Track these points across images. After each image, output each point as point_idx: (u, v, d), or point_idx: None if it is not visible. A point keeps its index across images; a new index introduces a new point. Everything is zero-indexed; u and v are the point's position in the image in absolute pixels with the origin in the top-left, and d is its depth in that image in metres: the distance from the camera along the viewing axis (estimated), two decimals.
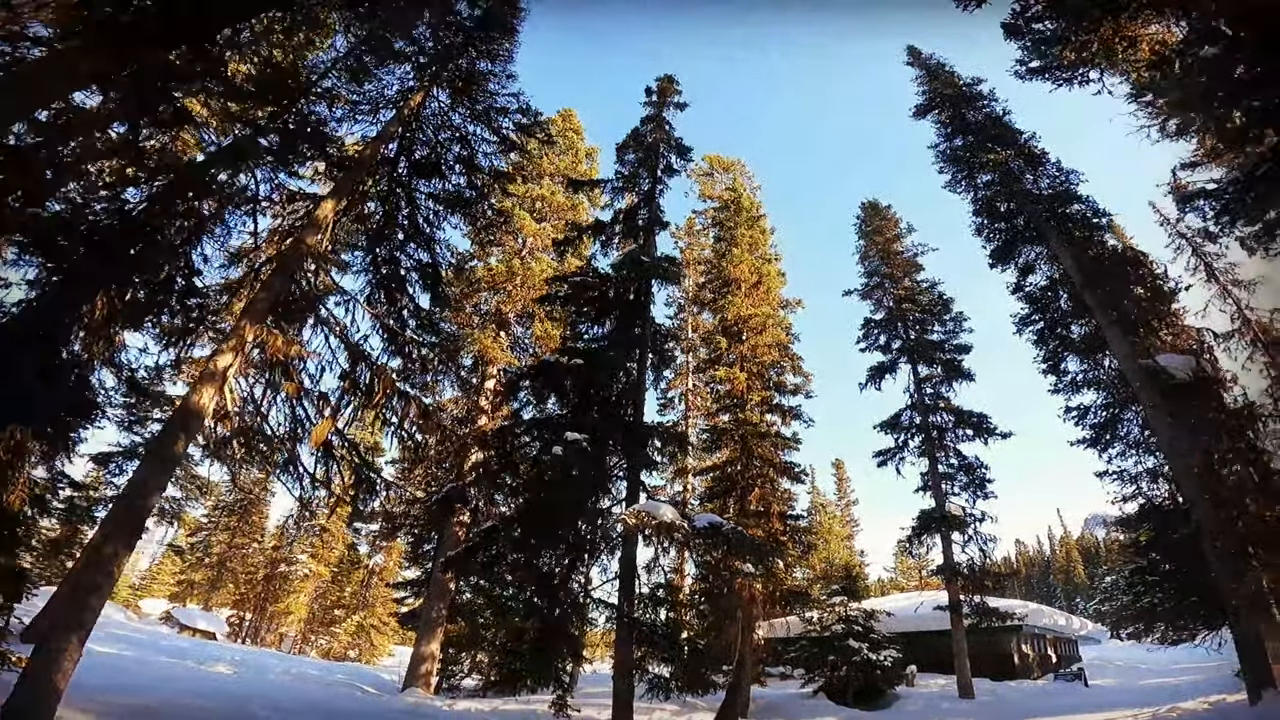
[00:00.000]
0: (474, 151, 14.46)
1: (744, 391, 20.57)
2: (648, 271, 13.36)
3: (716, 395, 23.27)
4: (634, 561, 10.04)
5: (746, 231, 24.31)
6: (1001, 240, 15.57)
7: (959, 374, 22.39)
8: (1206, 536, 9.54)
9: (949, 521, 19.90)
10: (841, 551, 40.16)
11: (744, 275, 22.94)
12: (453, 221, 14.35)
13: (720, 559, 16.37)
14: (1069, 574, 76.86)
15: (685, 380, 31.00)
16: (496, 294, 23.88)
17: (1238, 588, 9.07)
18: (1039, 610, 24.92)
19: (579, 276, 14.37)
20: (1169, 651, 37.19)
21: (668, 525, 8.58)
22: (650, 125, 16.60)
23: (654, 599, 9.86)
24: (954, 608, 18.38)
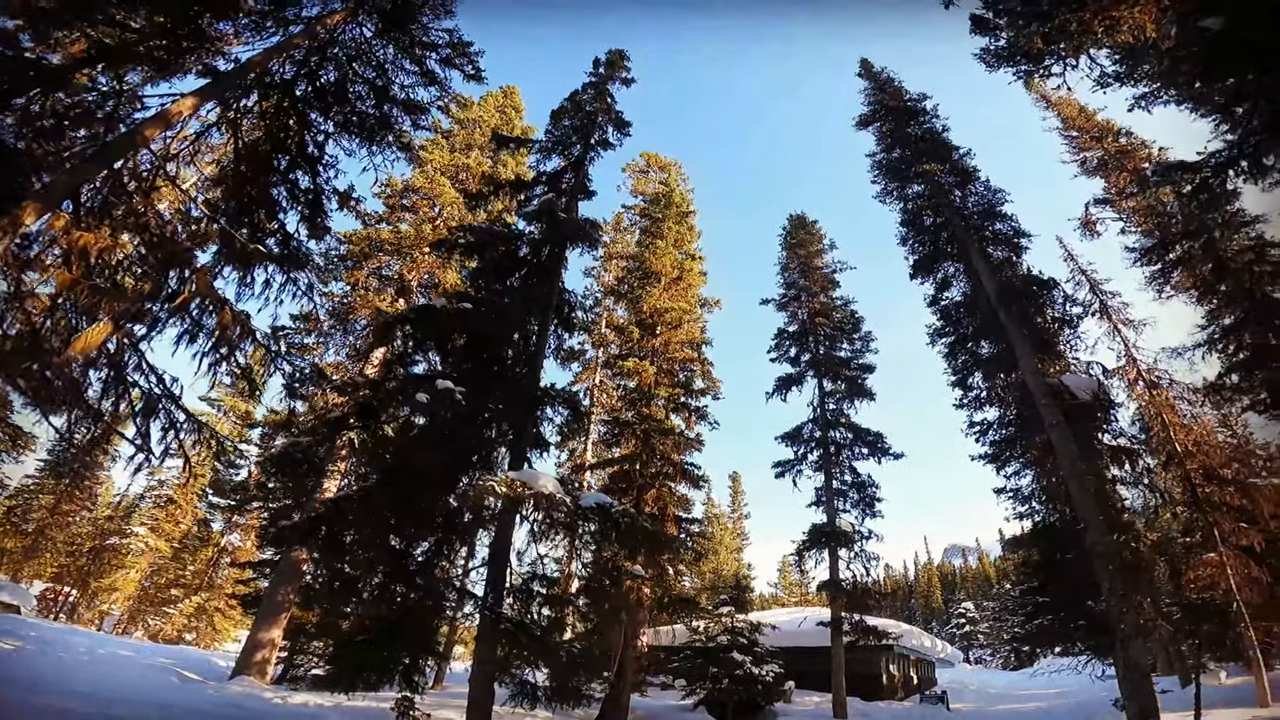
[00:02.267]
0: (389, 82, 12.75)
1: (651, 385, 19.77)
2: (563, 230, 12.12)
3: (623, 391, 22.52)
4: (508, 546, 8.66)
5: (674, 226, 23.78)
6: (925, 252, 15.63)
7: (861, 392, 22.66)
8: (1099, 560, 9.53)
9: (838, 537, 19.91)
10: (731, 563, 40.23)
11: (666, 269, 22.32)
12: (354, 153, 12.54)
13: (610, 558, 15.34)
14: (928, 598, 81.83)
15: (594, 375, 29.84)
16: (402, 259, 22.01)
17: (1127, 613, 9.03)
18: (910, 631, 25.59)
19: (487, 226, 12.93)
20: (1010, 676, 40.01)
21: (547, 498, 7.29)
22: (592, 93, 15.60)
23: (526, 592, 8.50)
24: (835, 624, 18.27)
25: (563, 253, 13.02)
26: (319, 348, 22.00)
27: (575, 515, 7.81)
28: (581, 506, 7.78)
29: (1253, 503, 15.71)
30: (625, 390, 22.41)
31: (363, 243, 21.61)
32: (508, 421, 9.54)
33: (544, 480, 7.35)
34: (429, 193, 23.17)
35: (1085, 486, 10.12)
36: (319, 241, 12.45)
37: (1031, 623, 12.27)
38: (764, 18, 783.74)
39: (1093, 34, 7.46)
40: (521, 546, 9.25)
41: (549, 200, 12.90)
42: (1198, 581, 15.89)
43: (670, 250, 22.93)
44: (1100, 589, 9.53)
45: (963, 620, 61.47)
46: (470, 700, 8.08)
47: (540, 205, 13.03)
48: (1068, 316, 13.16)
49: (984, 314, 13.58)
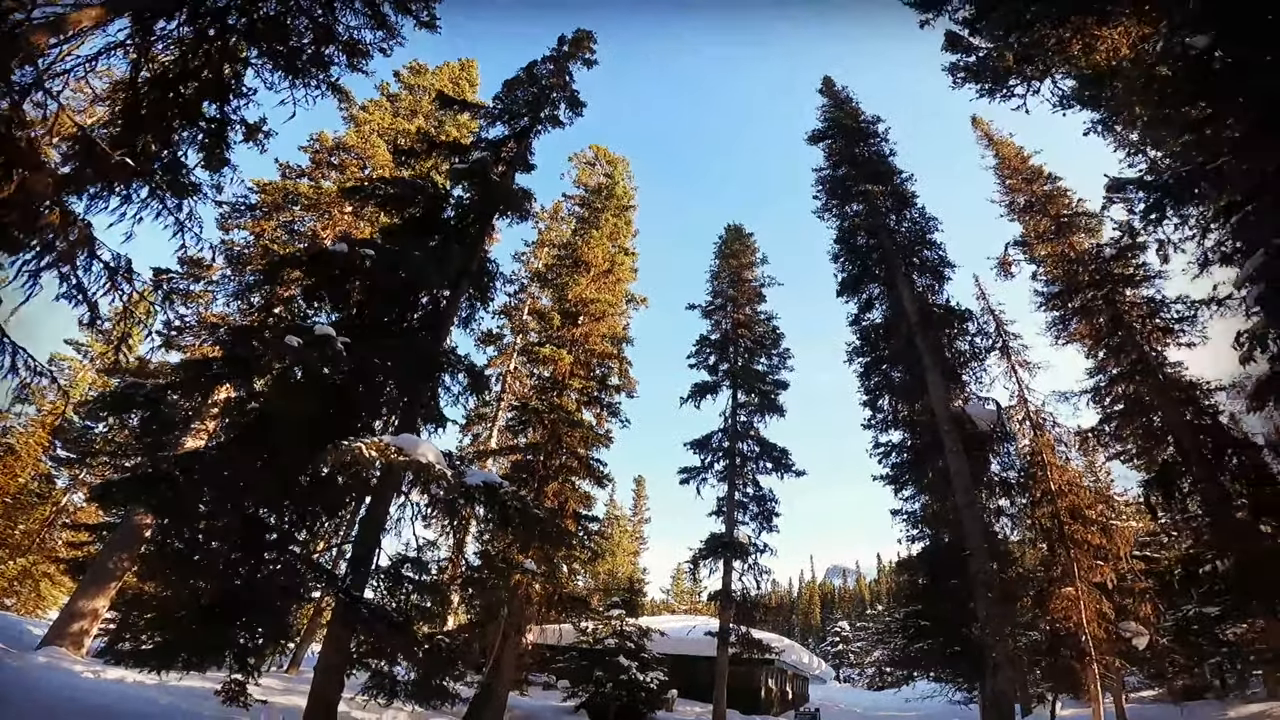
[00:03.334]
0: (335, 20, 11.49)
1: (566, 376, 19.14)
2: (493, 193, 11.28)
3: (537, 379, 21.80)
4: (380, 523, 7.68)
5: (612, 218, 23.46)
6: (854, 271, 15.86)
7: (773, 408, 22.84)
8: (980, 588, 9.73)
9: (734, 548, 19.89)
10: (626, 566, 39.89)
11: (597, 259, 21.85)
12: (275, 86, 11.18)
13: (502, 550, 14.48)
14: (808, 616, 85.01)
15: (509, 361, 28.74)
16: (319, 217, 20.40)
17: (999, 641, 9.21)
18: (792, 646, 26.05)
19: (411, 179, 11.86)
20: (875, 695, 41.93)
21: (424, 468, 6.42)
22: (550, 67, 14.96)
23: (396, 576, 7.56)
24: (722, 635, 18.16)
25: (490, 219, 12.21)
26: (206, 296, 20.02)
27: (457, 492, 6.95)
28: (467, 484, 6.93)
29: (1110, 542, 16.94)
30: (539, 379, 21.71)
31: (277, 194, 20.04)
32: (400, 385, 8.55)
33: (424, 448, 6.48)
34: (361, 152, 21.67)
35: (975, 515, 10.37)
36: (215, 174, 10.98)
37: (913, 645, 12.51)
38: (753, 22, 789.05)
39: (1067, 53, 7.59)
40: (403, 527, 8.33)
41: (483, 159, 12.02)
42: (1054, 613, 16.92)
43: (605, 241, 22.52)
44: (977, 616, 9.74)
45: (837, 639, 64.05)
46: (313, 688, 7.07)
47: (473, 163, 12.12)
48: (976, 350, 13.67)
49: (901, 338, 13.88)
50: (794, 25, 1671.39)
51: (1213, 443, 14.73)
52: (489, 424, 28.98)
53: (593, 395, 20.44)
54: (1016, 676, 9.54)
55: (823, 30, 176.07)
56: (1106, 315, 15.82)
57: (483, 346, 27.06)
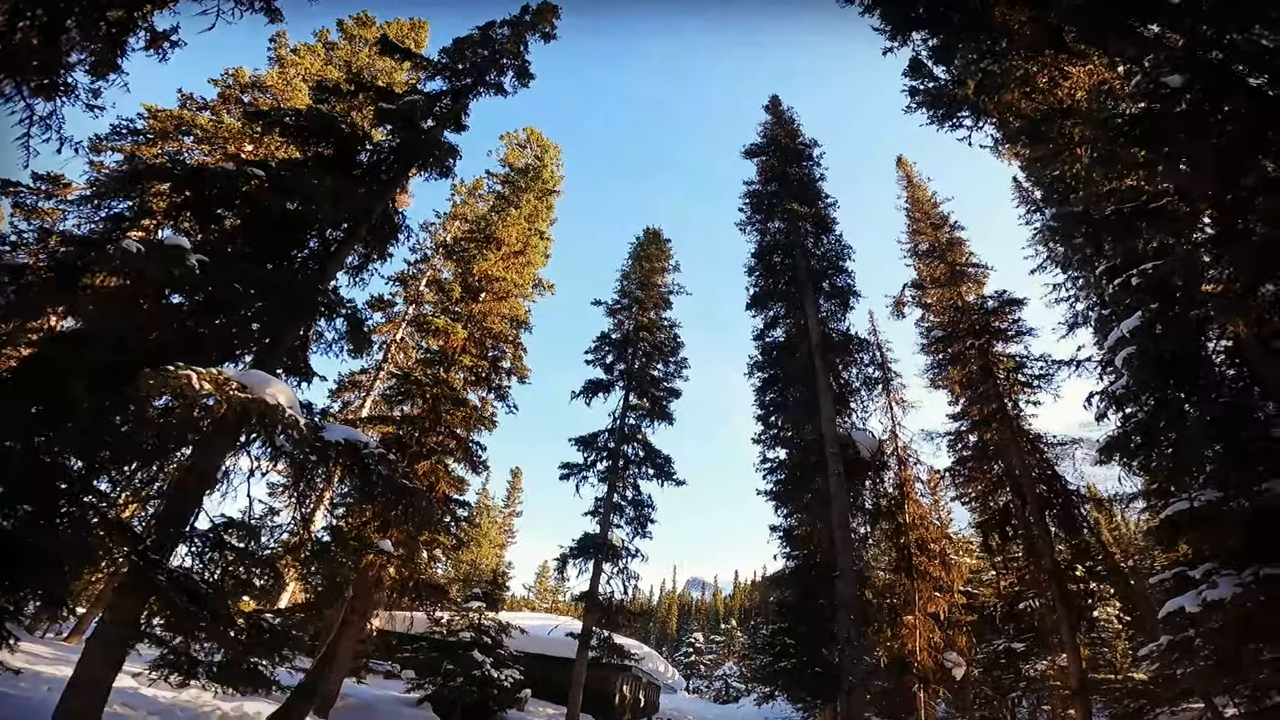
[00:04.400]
0: None
1: (457, 351, 18.12)
2: (416, 142, 10.31)
3: (425, 352, 20.56)
4: (206, 477, 6.43)
5: (534, 200, 22.88)
6: (765, 287, 16.14)
7: (663, 414, 22.82)
8: (843, 610, 9.97)
9: (607, 550, 19.58)
10: (492, 558, 38.48)
11: (511, 239, 21.15)
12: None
13: (358, 527, 13.22)
14: (665, 625, 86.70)
15: (396, 330, 26.87)
16: (214, 151, 18.42)
17: (856, 664, 9.44)
18: (650, 654, 26.08)
19: (323, 112, 10.56)
20: (721, 708, 43.12)
21: (272, 411, 5.36)
22: (506, 31, 14.03)
23: (216, 542, 6.34)
24: (584, 637, 17.76)
25: (408, 170, 11.25)
26: (57, 214, 17.68)
27: (310, 448, 5.96)
28: (324, 439, 5.97)
29: (948, 576, 18.32)
30: (427, 352, 20.45)
31: (169, 121, 18.04)
32: (264, 323, 7.33)
33: (275, 388, 5.39)
34: (279, 94, 19.65)
35: (848, 538, 10.67)
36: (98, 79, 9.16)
37: (778, 663, 12.68)
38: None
39: (1031, 87, 7.90)
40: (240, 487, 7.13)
41: (414, 103, 10.94)
42: (894, 640, 17.95)
43: (521, 222, 21.82)
44: (839, 638, 10.00)
45: (690, 650, 65.56)
46: (81, 661, 5.80)
47: (402, 105, 11.02)
48: (867, 380, 14.31)
49: (801, 358, 14.23)
50: (753, 48, 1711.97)
51: (1046, 491, 16.38)
52: (363, 392, 26.96)
53: (482, 375, 19.60)
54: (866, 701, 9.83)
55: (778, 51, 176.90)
56: (978, 364, 17.15)
57: (370, 312, 25.10)
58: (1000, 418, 16.56)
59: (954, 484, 18.35)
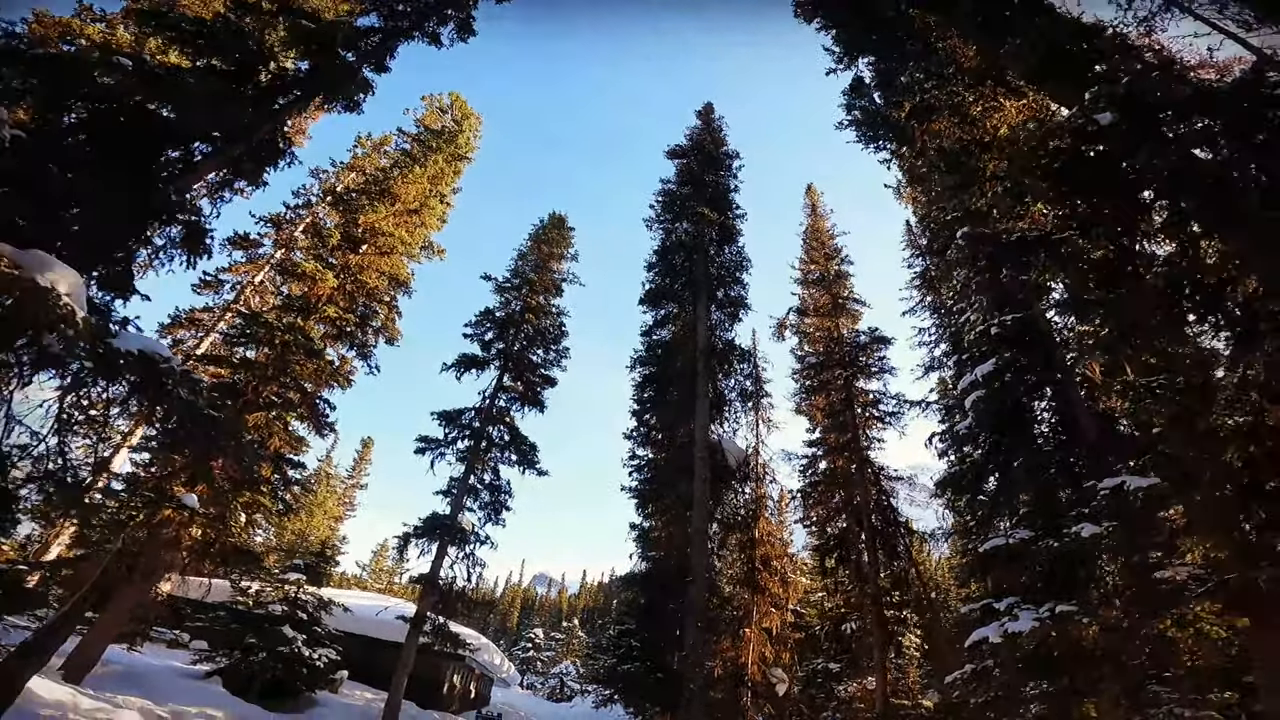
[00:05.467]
0: None
1: (322, 300, 16.52)
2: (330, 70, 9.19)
3: (285, 298, 18.63)
4: None
5: (442, 163, 21.73)
6: (661, 285, 16.16)
7: (536, 401, 22.22)
8: (692, 615, 9.96)
9: (455, 532, 18.64)
10: (324, 529, 35.63)
11: (408, 195, 20.14)
12: None
13: (159, 477, 11.53)
14: (506, 617, 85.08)
15: (257, 272, 24.09)
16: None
17: (699, 673, 9.43)
18: (487, 645, 25.20)
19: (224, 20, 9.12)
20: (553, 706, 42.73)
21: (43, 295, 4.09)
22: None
23: None
24: (418, 621, 16.72)
25: (312, 99, 10.16)
26: None
27: (92, 356, 4.72)
28: (112, 347, 4.76)
29: (785, 593, 19.19)
30: (288, 298, 18.50)
31: (55, 28, 16.50)
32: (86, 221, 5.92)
33: (56, 273, 3.99)
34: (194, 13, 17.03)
35: (704, 543, 10.74)
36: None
37: (622, 665, 12.43)
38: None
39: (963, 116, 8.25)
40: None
41: (337, 26, 9.75)
42: (732, 651, 18.43)
43: (423, 181, 20.72)
44: (684, 645, 9.99)
45: (529, 645, 64.69)
46: None
47: (324, 27, 9.85)
48: (743, 392, 14.65)
49: (685, 360, 14.31)
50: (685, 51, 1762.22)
51: (881, 521, 17.69)
52: (202, 331, 23.95)
53: (346, 330, 18.16)
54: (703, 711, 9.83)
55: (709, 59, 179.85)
56: (842, 395, 18.20)
57: (231, 249, 22.17)
58: (853, 447, 17.65)
59: (802, 506, 19.31)
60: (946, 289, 15.69)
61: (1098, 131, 5.20)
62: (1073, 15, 6.73)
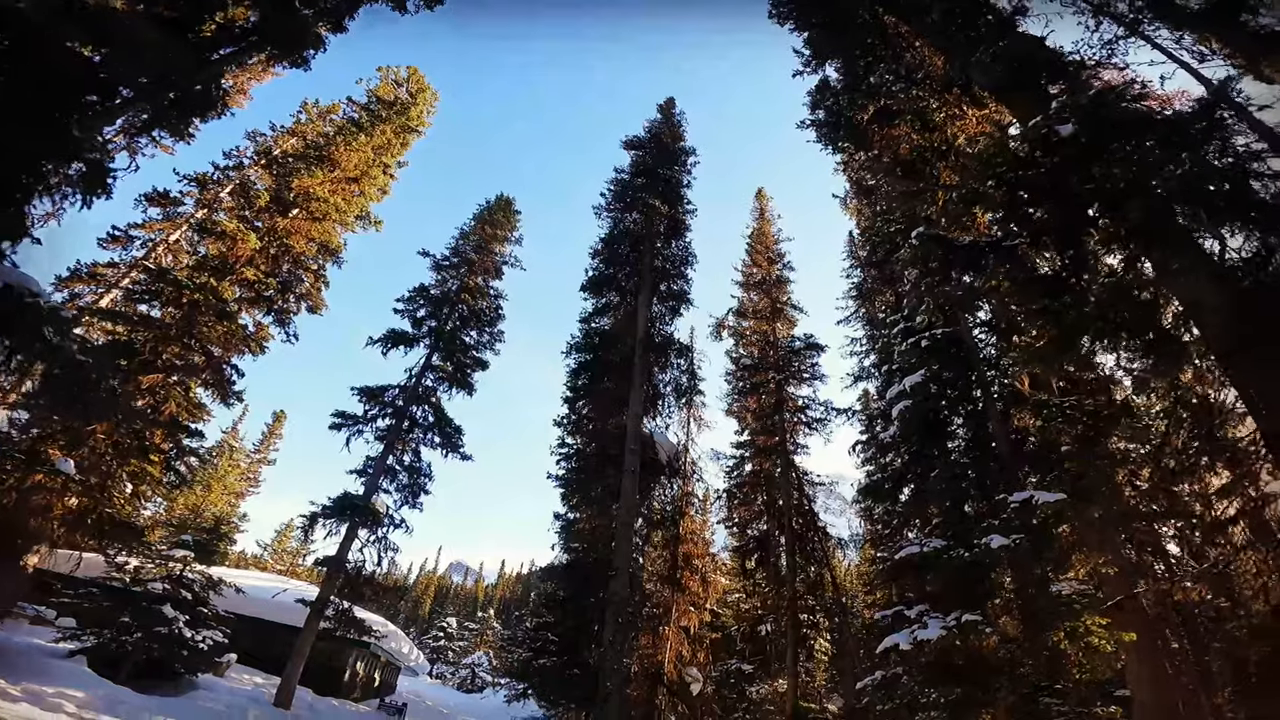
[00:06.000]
0: None
1: (242, 262, 15.49)
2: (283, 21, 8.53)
3: (200, 258, 17.36)
4: None
5: (391, 134, 20.95)
6: (604, 273, 16.00)
7: (465, 383, 21.61)
8: (612, 609, 9.76)
9: (367, 514, 17.81)
10: (222, 505, 33.37)
11: (349, 163, 19.40)
12: None
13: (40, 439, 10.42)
14: (418, 605, 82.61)
15: (174, 230, 22.18)
16: None
17: (617, 670, 9.25)
18: (395, 633, 24.29)
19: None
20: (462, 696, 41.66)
21: None
22: None
23: None
24: (320, 606, 15.87)
25: (259, 51, 9.68)
26: None
27: None
28: None
29: (705, 592, 19.33)
30: (204, 258, 17.21)
31: None
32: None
33: None
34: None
35: (630, 537, 10.59)
36: None
37: (538, 660, 12.04)
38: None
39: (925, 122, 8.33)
40: None
41: None
42: (651, 649, 18.32)
43: (367, 149, 19.97)
44: (603, 640, 9.78)
45: (441, 634, 63.08)
46: None
47: None
48: (679, 387, 14.63)
49: (623, 350, 14.14)
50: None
51: (802, 525, 18.10)
52: (102, 287, 21.92)
53: (265, 295, 17.08)
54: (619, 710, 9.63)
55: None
56: (774, 398, 18.52)
57: (147, 205, 20.22)
58: (780, 451, 17.99)
59: (727, 506, 19.53)
60: (880, 301, 16.19)
61: (1059, 142, 5.36)
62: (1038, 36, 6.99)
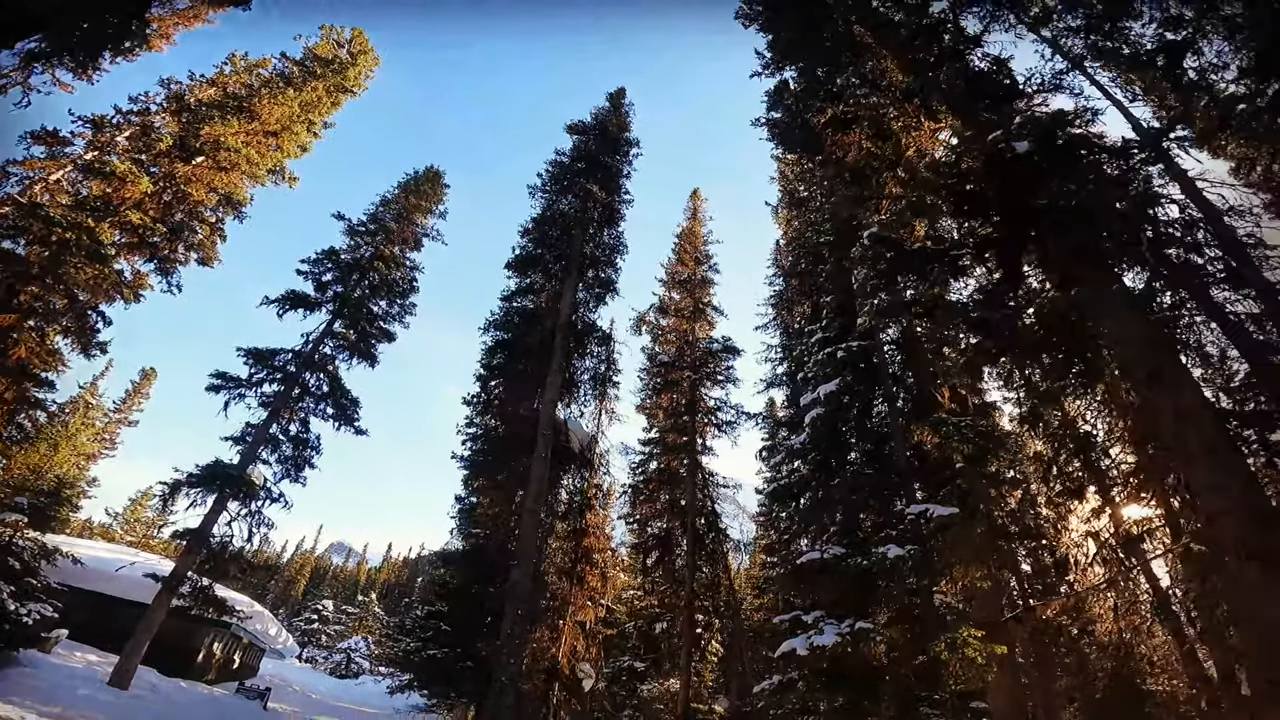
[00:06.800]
0: None
1: (127, 204, 14.69)
2: None
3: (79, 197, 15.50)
4: None
5: (322, 91, 19.92)
6: (532, 253, 15.64)
7: (367, 354, 20.44)
8: (512, 601, 9.36)
9: (240, 484, 16.45)
10: (70, 466, 29.77)
11: (271, 117, 18.26)
12: None
13: None
14: (291, 586, 77.65)
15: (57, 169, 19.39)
16: None
17: (513, 664, 8.89)
18: (262, 614, 22.64)
19: None
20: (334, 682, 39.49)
21: None
22: None
23: None
24: (174, 581, 14.49)
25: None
26: None
27: None
28: None
29: (603, 588, 19.19)
30: (84, 198, 15.31)
31: None
32: None
33: None
34: None
35: (536, 525, 10.24)
36: None
37: (428, 649, 11.29)
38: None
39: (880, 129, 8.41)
40: None
41: None
42: (549, 643, 17.87)
43: (293, 104, 18.82)
44: (501, 632, 9.36)
45: (314, 617, 59.63)
46: None
47: None
48: (594, 376, 14.46)
49: (543, 333, 13.82)
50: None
51: (705, 526, 18.28)
52: None
53: (150, 242, 15.65)
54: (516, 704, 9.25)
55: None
56: (686, 397, 18.63)
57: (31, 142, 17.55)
58: (689, 450, 18.15)
59: (631, 502, 19.44)
60: (798, 311, 16.67)
61: (1013, 158, 5.58)
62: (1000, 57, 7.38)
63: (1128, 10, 6.61)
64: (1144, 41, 6.75)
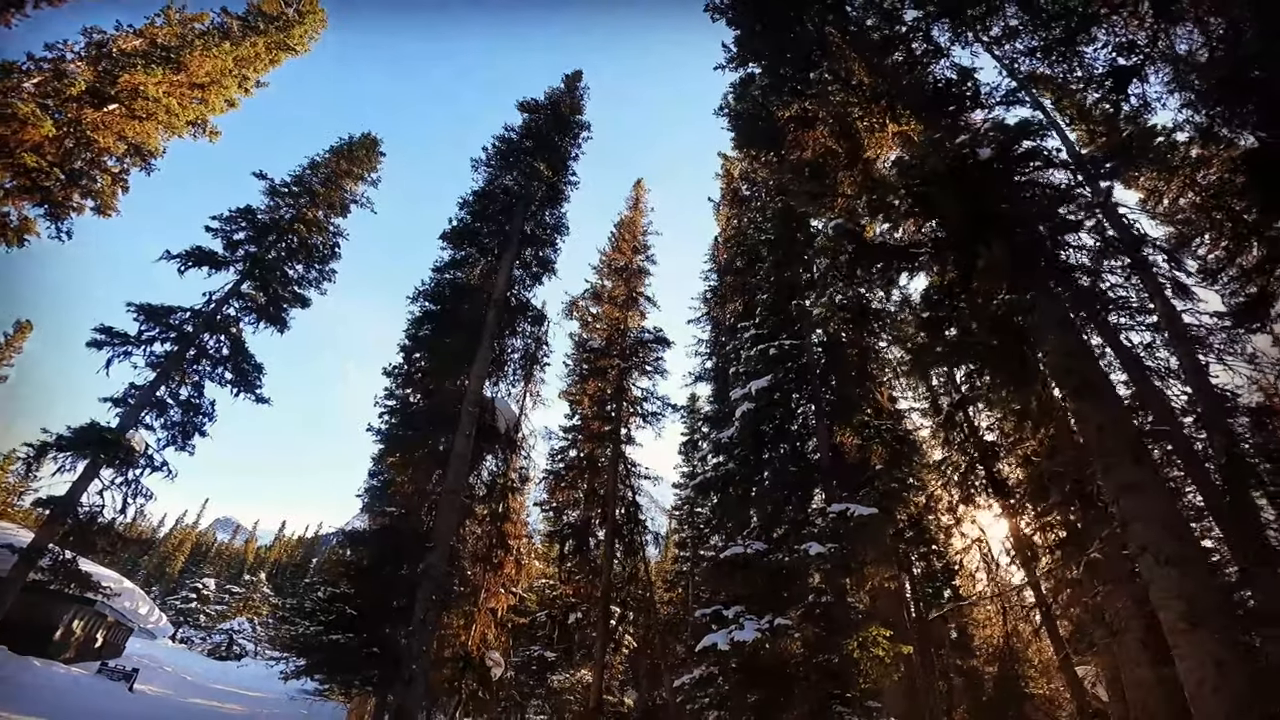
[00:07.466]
0: None
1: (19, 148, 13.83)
2: None
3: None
4: None
5: (261, 47, 18.63)
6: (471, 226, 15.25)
7: (277, 318, 19.10)
8: (426, 585, 8.94)
9: (116, 450, 14.93)
10: None
11: (200, 70, 16.94)
12: None
13: None
14: (167, 562, 72.15)
15: None
16: None
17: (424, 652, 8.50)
18: (131, 591, 20.79)
19: None
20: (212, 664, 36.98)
21: None
22: None
23: None
24: (32, 554, 13.04)
25: None
26: None
27: None
28: None
29: (517, 575, 18.77)
30: None
31: None
32: None
33: None
34: None
35: (456, 506, 9.86)
36: None
37: (330, 634, 10.49)
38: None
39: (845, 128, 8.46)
40: None
41: None
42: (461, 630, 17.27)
43: (227, 59, 17.54)
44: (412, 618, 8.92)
45: (193, 596, 55.61)
46: None
47: None
48: (524, 356, 14.21)
49: (475, 307, 13.38)
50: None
51: (624, 517, 18.28)
52: None
53: (41, 185, 14.45)
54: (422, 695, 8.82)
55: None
56: (613, 385, 18.55)
57: None
58: (613, 439, 18.10)
59: (549, 489, 19.14)
60: (730, 309, 16.95)
61: (975, 163, 5.82)
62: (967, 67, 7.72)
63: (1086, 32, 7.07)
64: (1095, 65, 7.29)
